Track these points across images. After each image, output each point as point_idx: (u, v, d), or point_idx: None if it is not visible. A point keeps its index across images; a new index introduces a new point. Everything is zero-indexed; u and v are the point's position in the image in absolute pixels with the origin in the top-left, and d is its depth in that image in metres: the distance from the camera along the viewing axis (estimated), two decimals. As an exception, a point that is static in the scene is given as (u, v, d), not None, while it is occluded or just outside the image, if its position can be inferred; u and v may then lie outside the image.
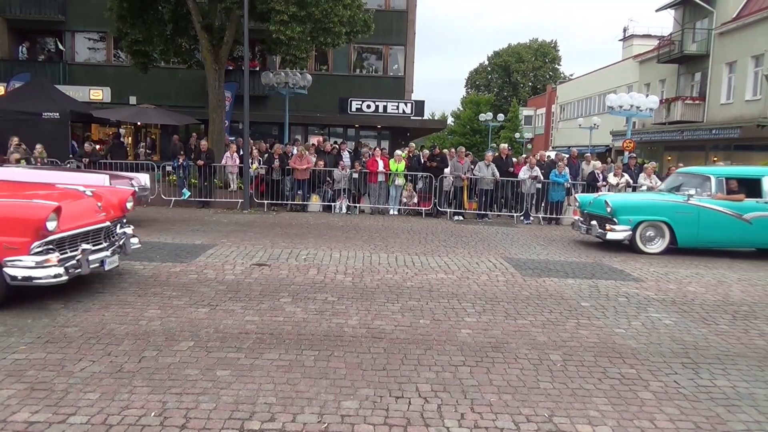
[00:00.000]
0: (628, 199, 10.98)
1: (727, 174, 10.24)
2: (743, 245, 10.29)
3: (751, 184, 9.95)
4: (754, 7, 23.64)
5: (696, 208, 9.74)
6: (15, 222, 5.00)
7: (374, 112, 24.90)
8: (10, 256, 4.91)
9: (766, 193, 9.76)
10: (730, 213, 9.69)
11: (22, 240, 4.93)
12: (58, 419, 3.27)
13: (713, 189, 9.85)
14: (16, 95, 16.84)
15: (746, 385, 4.15)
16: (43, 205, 5.16)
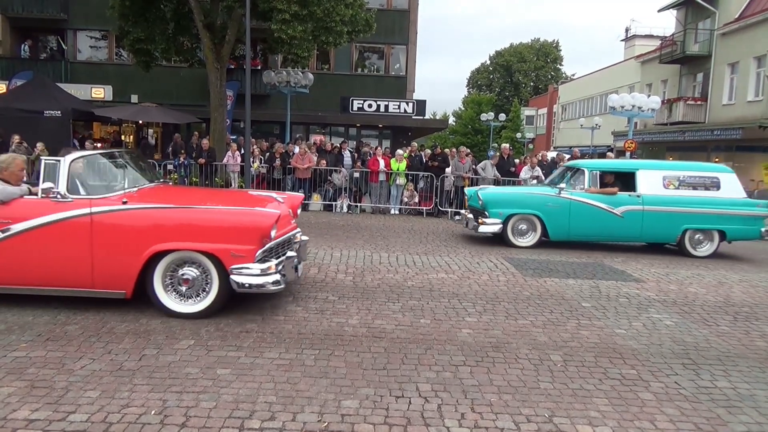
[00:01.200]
0: (499, 192, 10.98)
1: (601, 167, 10.27)
2: (615, 238, 10.31)
3: (625, 177, 9.97)
4: (756, 8, 23.59)
5: (567, 202, 9.77)
6: (242, 230, 4.99)
7: (376, 112, 24.89)
8: (237, 263, 4.92)
9: (639, 187, 9.76)
10: (602, 206, 9.71)
11: (248, 248, 4.94)
12: (59, 417, 3.27)
13: (586, 182, 9.86)
14: (18, 93, 16.85)
15: (747, 387, 4.14)
16: (268, 213, 5.21)
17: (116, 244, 4.94)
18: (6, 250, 4.92)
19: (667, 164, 11.62)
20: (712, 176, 9.98)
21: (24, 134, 13.76)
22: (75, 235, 4.94)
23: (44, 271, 5.01)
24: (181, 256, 5.01)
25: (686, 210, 9.71)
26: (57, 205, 4.97)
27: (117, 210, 5.00)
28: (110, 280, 5.02)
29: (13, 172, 5.24)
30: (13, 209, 4.96)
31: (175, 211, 5.11)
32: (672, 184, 9.85)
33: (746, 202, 9.96)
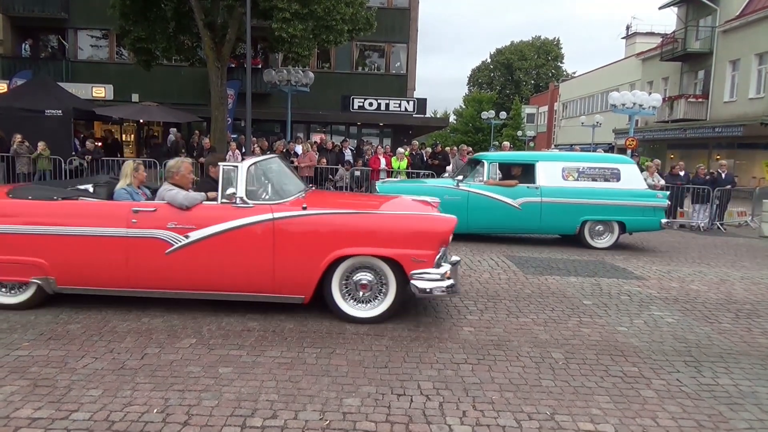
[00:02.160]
0: (398, 185, 10.85)
1: (501, 159, 10.25)
2: (514, 230, 10.29)
3: (525, 169, 9.96)
4: (757, 5, 23.55)
5: (465, 194, 9.74)
6: (424, 235, 5.00)
7: (376, 110, 24.88)
8: (417, 268, 4.92)
9: (538, 178, 9.73)
10: (500, 198, 9.68)
11: (429, 253, 4.94)
12: (61, 415, 3.28)
13: (485, 175, 9.83)
14: (19, 92, 16.85)
15: (749, 384, 4.14)
16: (448, 218, 5.23)
17: (298, 249, 4.93)
18: (189, 256, 4.91)
19: (568, 155, 11.64)
20: (612, 167, 9.90)
21: (25, 133, 13.77)
22: (258, 240, 4.92)
23: (226, 277, 4.99)
24: (357, 261, 5.01)
25: (585, 201, 9.64)
26: (239, 210, 4.95)
27: (298, 216, 4.99)
28: (290, 286, 5.02)
29: (184, 175, 5.26)
30: (196, 215, 4.94)
31: (356, 217, 5.10)
32: (571, 175, 9.78)
33: (646, 193, 9.86)
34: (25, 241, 4.92)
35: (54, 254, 4.92)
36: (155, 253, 4.90)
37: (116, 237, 4.90)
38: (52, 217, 4.95)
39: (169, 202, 4.98)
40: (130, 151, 22.44)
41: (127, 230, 4.90)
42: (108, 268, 4.97)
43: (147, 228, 4.90)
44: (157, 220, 4.92)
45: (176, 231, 4.88)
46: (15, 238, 4.92)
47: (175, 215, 4.92)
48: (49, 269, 4.94)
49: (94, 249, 4.92)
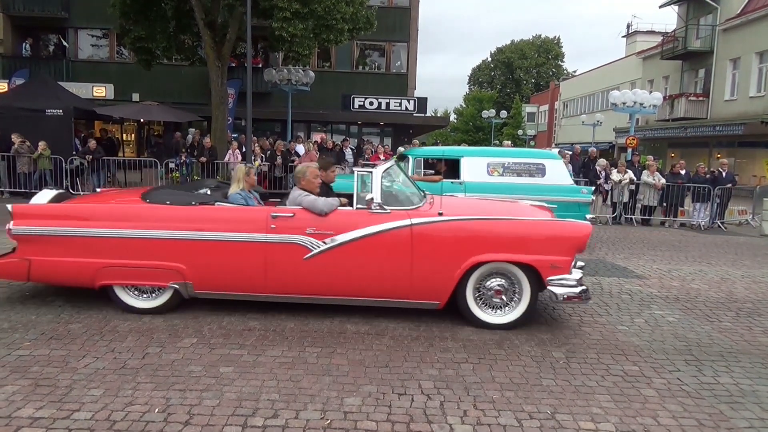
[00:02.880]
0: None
1: (425, 155, 10.20)
2: None
3: (451, 165, 9.93)
4: (758, 3, 23.52)
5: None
6: (562, 241, 4.97)
7: (377, 109, 24.88)
8: (554, 275, 4.92)
9: (462, 174, 9.67)
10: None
11: (566, 259, 4.93)
12: (63, 415, 3.29)
13: (410, 170, 9.75)
14: (20, 92, 16.86)
15: (749, 383, 4.14)
16: (585, 224, 5.20)
17: (436, 255, 4.91)
18: (328, 262, 4.89)
19: (493, 151, 11.57)
20: (538, 162, 9.79)
21: (26, 133, 13.77)
22: (396, 247, 4.90)
23: (363, 283, 4.98)
24: (492, 267, 4.99)
25: (508, 197, 9.38)
26: (377, 216, 4.94)
27: (436, 222, 4.96)
28: (427, 291, 4.99)
29: (310, 180, 5.24)
30: (334, 221, 4.93)
31: (494, 223, 5.06)
32: (496, 170, 9.70)
33: (570, 189, 9.72)
34: (165, 246, 4.92)
35: (193, 259, 4.94)
36: (294, 258, 4.89)
37: (255, 242, 4.90)
38: (192, 222, 4.95)
39: (307, 208, 4.96)
40: (131, 150, 22.46)
41: (267, 236, 4.89)
42: (246, 273, 4.97)
43: (286, 233, 4.89)
44: (295, 225, 4.91)
45: (315, 237, 4.87)
46: (154, 243, 4.92)
47: (314, 221, 4.91)
48: (187, 274, 4.95)
49: (233, 254, 4.92)
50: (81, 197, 5.94)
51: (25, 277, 5.09)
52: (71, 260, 4.97)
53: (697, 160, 19.67)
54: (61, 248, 4.96)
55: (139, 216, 5.01)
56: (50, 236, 4.97)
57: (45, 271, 5.06)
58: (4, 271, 5.08)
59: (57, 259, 4.98)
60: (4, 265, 5.06)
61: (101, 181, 14.06)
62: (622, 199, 13.71)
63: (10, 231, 5.00)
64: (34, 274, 5.05)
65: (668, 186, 13.60)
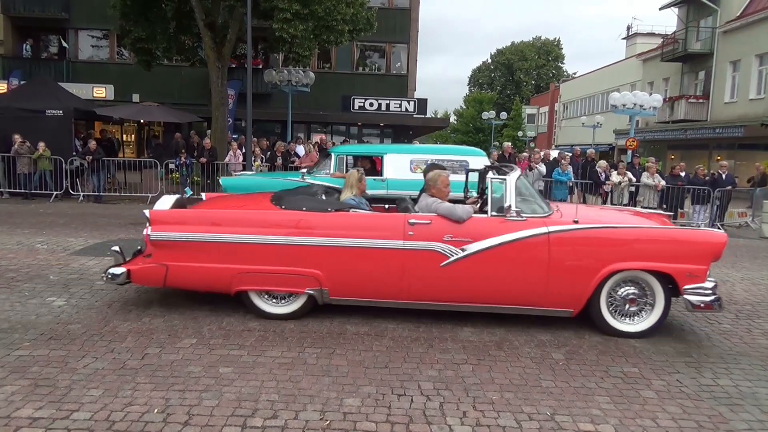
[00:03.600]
0: (242, 178, 10.80)
1: (349, 152, 10.20)
2: None
3: (375, 162, 9.92)
4: (758, 6, 23.55)
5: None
6: (700, 249, 4.97)
7: (377, 110, 24.90)
8: (690, 283, 4.91)
9: (385, 171, 9.66)
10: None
11: (702, 267, 4.93)
12: (62, 415, 3.29)
13: (332, 167, 9.76)
14: (20, 93, 16.86)
15: (749, 385, 4.14)
16: (720, 233, 5.24)
17: (572, 264, 4.89)
18: (465, 269, 4.88)
19: (417, 148, 11.51)
20: (462, 159, 9.75)
21: (26, 134, 13.77)
22: (533, 255, 4.88)
23: (499, 290, 4.96)
24: (626, 275, 4.96)
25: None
26: (513, 224, 4.91)
27: (573, 230, 4.95)
28: (561, 299, 4.97)
29: (440, 189, 5.25)
30: (470, 228, 4.91)
31: (629, 231, 5.04)
32: (419, 167, 9.56)
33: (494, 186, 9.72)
34: (302, 252, 4.92)
35: (330, 266, 4.93)
36: (431, 265, 4.88)
37: (393, 249, 4.89)
38: (329, 228, 4.95)
39: (445, 215, 4.95)
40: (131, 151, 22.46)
41: (404, 242, 4.88)
42: (382, 280, 4.96)
43: (424, 240, 4.87)
44: (433, 232, 4.89)
45: (452, 244, 4.86)
46: (292, 249, 4.93)
47: (451, 228, 4.90)
48: (324, 281, 4.95)
49: (370, 261, 4.91)
50: (204, 203, 5.88)
51: (162, 283, 5.08)
52: (208, 266, 4.98)
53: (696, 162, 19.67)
54: (198, 254, 4.98)
55: (276, 222, 5.01)
56: (188, 242, 4.98)
57: (181, 277, 5.06)
58: (142, 276, 5.07)
59: (194, 265, 4.99)
60: (142, 270, 5.04)
61: (101, 182, 14.05)
62: (622, 200, 13.71)
63: (148, 236, 4.98)
64: (170, 279, 5.05)
65: (668, 188, 13.60)
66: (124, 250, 5.34)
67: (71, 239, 8.50)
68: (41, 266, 6.77)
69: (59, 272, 6.51)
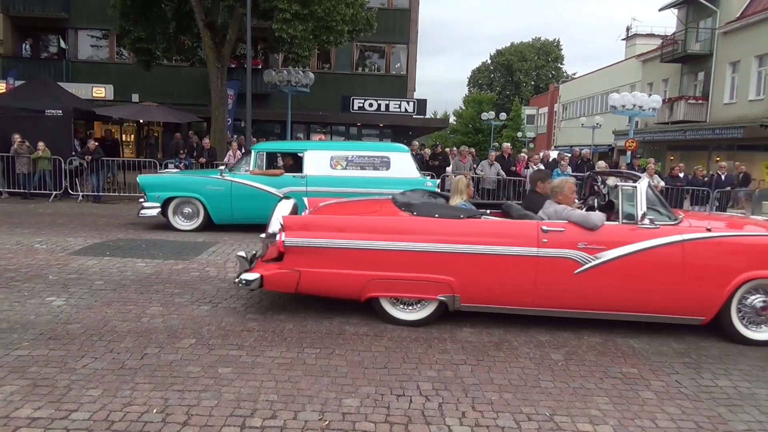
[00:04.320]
0: (161, 175, 10.76)
1: (269, 149, 10.18)
2: None
3: (295, 159, 9.93)
4: (758, 7, 23.56)
5: (228, 184, 9.58)
6: None
7: (376, 111, 24.90)
8: None
9: (305, 168, 9.64)
10: (264, 188, 9.51)
11: None
12: (61, 415, 3.28)
13: (252, 164, 9.71)
14: (19, 92, 16.86)
15: (748, 385, 4.14)
16: None
17: (707, 271, 4.87)
18: (599, 277, 4.87)
19: (338, 144, 11.46)
20: (383, 156, 9.77)
21: (25, 133, 13.76)
22: (668, 262, 4.86)
23: (631, 298, 4.95)
24: (757, 283, 4.94)
25: (352, 190, 9.39)
26: (647, 232, 4.90)
27: (707, 237, 4.93)
28: (694, 308, 4.96)
29: (566, 195, 5.27)
30: (603, 236, 4.89)
31: (763, 239, 5.04)
32: (339, 164, 9.66)
33: (414, 182, 9.56)
34: (435, 258, 4.92)
35: (462, 272, 4.92)
36: (565, 272, 4.87)
37: (526, 256, 4.88)
38: (462, 235, 4.94)
39: (578, 222, 4.94)
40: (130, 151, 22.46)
41: (538, 250, 4.88)
42: (515, 287, 4.96)
43: (558, 248, 4.88)
44: (567, 240, 4.89)
45: (586, 251, 4.86)
46: (425, 255, 4.92)
47: (584, 235, 4.89)
48: (456, 287, 4.94)
49: (503, 268, 4.90)
50: (323, 209, 5.87)
51: (294, 289, 5.09)
52: (341, 272, 4.98)
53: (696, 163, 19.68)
54: (331, 260, 4.98)
55: (409, 229, 5.02)
56: (321, 248, 4.99)
57: (314, 283, 5.07)
58: (275, 282, 5.08)
59: (327, 271, 4.99)
60: (275, 276, 5.05)
61: (100, 182, 14.04)
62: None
63: (282, 242, 4.99)
64: (302, 285, 5.06)
65: (667, 189, 13.61)
66: (249, 256, 5.41)
67: (70, 239, 8.49)
68: (40, 266, 6.76)
69: (58, 272, 6.51)
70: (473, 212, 5.33)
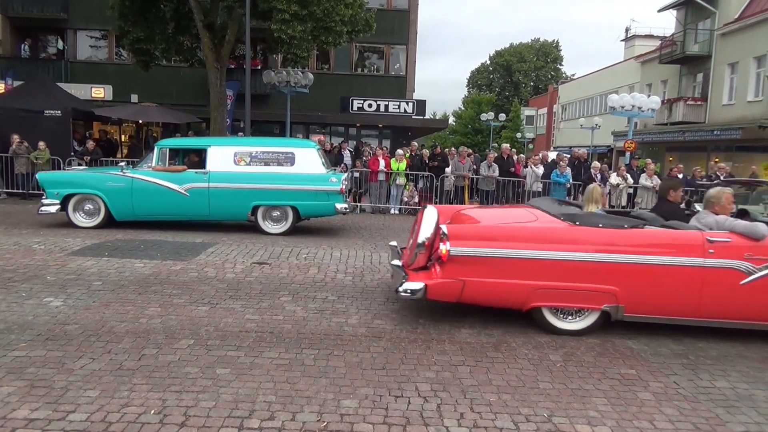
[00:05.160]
0: (61, 172, 10.67)
1: (173, 145, 10.12)
2: (182, 217, 9.84)
3: (200, 155, 9.85)
4: (756, 8, 23.59)
5: (129, 180, 9.46)
6: None
7: (376, 112, 24.89)
8: None
9: (208, 164, 9.56)
10: (165, 185, 9.44)
11: None
12: (58, 416, 3.28)
13: (154, 160, 9.62)
14: (18, 93, 16.85)
15: (746, 387, 4.15)
16: None
17: None
18: (763, 287, 4.85)
19: (242, 140, 11.40)
20: (287, 151, 9.67)
21: (24, 134, 13.75)
22: None
23: None
24: None
25: (255, 186, 9.44)
26: None
27: None
28: None
29: (724, 205, 5.25)
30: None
31: None
32: (243, 160, 9.56)
33: (318, 177, 9.58)
34: (600, 268, 4.90)
35: (626, 282, 4.90)
36: (731, 283, 4.85)
37: (692, 267, 4.86)
38: (626, 245, 4.93)
39: (744, 233, 4.92)
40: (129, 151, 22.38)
41: (704, 260, 4.86)
42: (680, 297, 4.94)
43: (725, 258, 4.86)
44: (733, 250, 4.87)
45: (751, 262, 4.85)
46: (589, 265, 4.90)
47: (749, 246, 4.87)
48: (620, 297, 4.92)
49: (668, 278, 4.89)
50: (463, 216, 5.83)
51: (457, 298, 5.09)
52: (505, 282, 4.97)
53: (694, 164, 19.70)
54: (496, 269, 4.96)
55: (573, 239, 5.01)
56: (487, 257, 4.98)
57: (477, 292, 5.07)
58: (438, 291, 5.08)
59: (491, 280, 4.99)
60: (439, 285, 5.03)
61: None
62: (620, 202, 13.73)
63: (448, 252, 4.97)
64: (466, 294, 5.05)
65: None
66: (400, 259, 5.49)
67: (69, 240, 8.49)
68: (38, 267, 6.75)
69: (56, 273, 6.50)
70: (635, 222, 5.34)
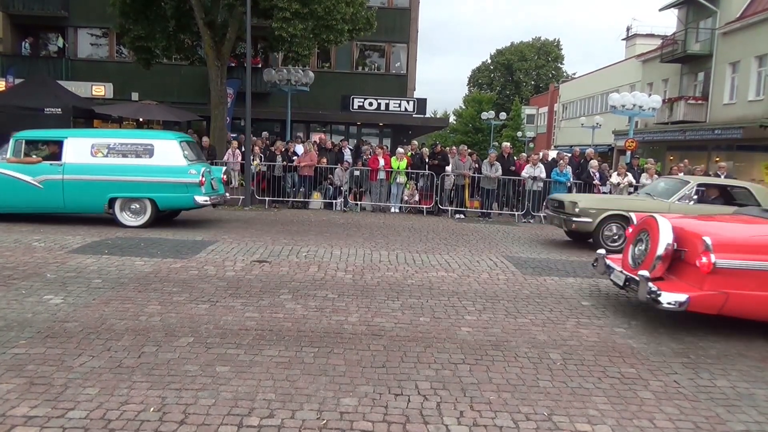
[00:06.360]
0: None
1: (29, 137, 9.83)
2: (38, 209, 9.69)
3: (57, 146, 9.69)
4: (758, 7, 23.54)
5: None
6: None
7: (376, 110, 24.87)
8: None
9: (64, 155, 9.44)
10: (19, 177, 9.32)
11: None
12: (57, 414, 3.27)
13: (9, 152, 9.47)
14: (19, 91, 16.87)
15: (746, 386, 4.14)
16: None
17: None
18: None
19: (101, 132, 11.31)
20: (146, 143, 9.60)
21: (24, 132, 13.74)
22: None
23: None
24: None
25: (111, 178, 9.33)
26: None
27: None
28: None
29: None
30: None
31: None
32: (100, 152, 9.47)
33: (176, 169, 9.51)
34: None
35: None
36: None
37: None
38: None
39: None
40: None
41: None
42: None
43: None
44: None
45: None
46: None
47: None
48: None
49: None
50: (696, 225, 5.78)
51: (717, 311, 5.09)
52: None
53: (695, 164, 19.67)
54: (761, 282, 4.96)
55: None
56: (755, 270, 4.98)
57: (741, 305, 5.07)
58: (699, 303, 5.06)
59: (756, 293, 4.98)
60: (701, 297, 5.02)
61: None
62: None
63: (713, 265, 4.93)
64: (728, 307, 5.05)
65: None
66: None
67: (68, 237, 8.48)
68: (38, 264, 6.75)
69: (56, 270, 6.50)
70: None
